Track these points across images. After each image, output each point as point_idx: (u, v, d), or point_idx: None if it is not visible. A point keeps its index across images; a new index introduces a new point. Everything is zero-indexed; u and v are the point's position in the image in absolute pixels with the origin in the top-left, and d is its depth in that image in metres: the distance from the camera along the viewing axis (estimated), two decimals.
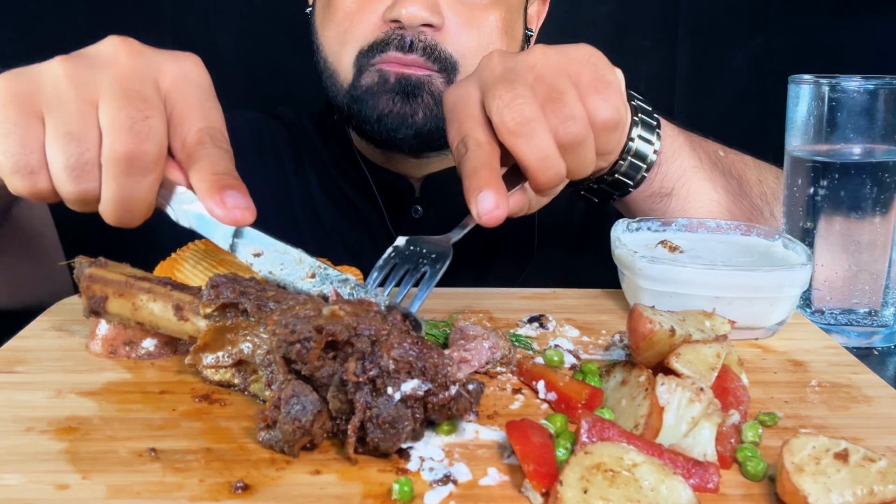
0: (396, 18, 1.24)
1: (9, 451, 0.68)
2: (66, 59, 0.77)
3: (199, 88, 0.81)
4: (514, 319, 0.99)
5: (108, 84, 0.76)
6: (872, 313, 1.01)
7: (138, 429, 0.72)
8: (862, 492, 0.60)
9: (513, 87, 0.86)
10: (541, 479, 0.62)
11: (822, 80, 1.00)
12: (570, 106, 0.87)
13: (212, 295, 0.77)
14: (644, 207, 1.16)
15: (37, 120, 0.76)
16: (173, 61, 0.81)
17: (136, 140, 0.74)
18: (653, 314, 0.78)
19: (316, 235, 1.46)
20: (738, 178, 1.22)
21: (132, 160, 0.75)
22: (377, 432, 0.66)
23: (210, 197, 0.76)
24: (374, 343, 0.69)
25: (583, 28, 2.12)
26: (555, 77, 0.88)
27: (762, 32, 2.11)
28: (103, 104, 0.75)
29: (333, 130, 1.51)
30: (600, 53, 0.93)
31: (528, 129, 0.85)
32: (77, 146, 0.75)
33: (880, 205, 0.98)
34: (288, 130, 1.54)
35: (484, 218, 0.82)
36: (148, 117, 0.75)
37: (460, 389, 0.69)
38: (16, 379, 0.81)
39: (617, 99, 0.89)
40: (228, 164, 0.78)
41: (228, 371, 0.78)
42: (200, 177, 0.77)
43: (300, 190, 1.49)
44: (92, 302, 0.82)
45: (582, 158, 0.89)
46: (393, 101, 1.27)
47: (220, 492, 0.63)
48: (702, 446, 0.68)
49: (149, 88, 0.77)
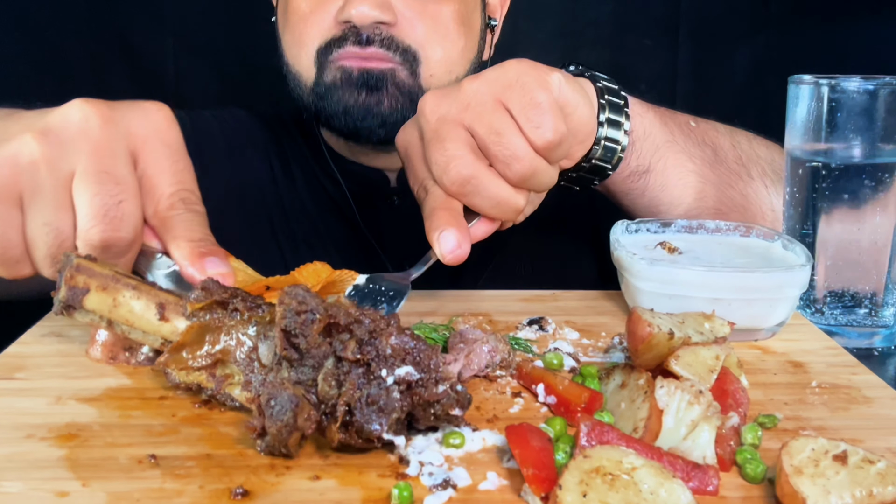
0: (348, 19, 1.25)
1: (9, 458, 0.68)
2: (39, 138, 0.77)
3: (170, 148, 0.82)
4: (513, 322, 0.99)
5: (82, 165, 0.76)
6: (872, 314, 1.01)
7: (138, 435, 0.72)
8: (861, 493, 0.60)
9: (444, 148, 0.88)
10: (540, 483, 0.62)
11: (822, 81, 1.00)
12: (511, 145, 0.88)
13: (201, 296, 0.78)
14: (624, 188, 1.15)
15: (16, 209, 0.77)
16: (141, 119, 0.81)
17: (110, 227, 0.76)
18: (651, 317, 0.78)
19: (304, 229, 1.47)
20: (713, 146, 1.22)
21: (108, 247, 0.77)
22: (364, 413, 0.67)
23: (191, 265, 0.78)
24: (372, 333, 0.70)
25: (583, 28, 2.12)
26: (489, 114, 0.89)
27: (762, 32, 2.11)
28: (77, 189, 0.76)
29: (308, 129, 1.52)
30: (528, 67, 0.92)
31: (470, 189, 0.88)
32: (56, 237, 0.77)
33: (880, 205, 0.98)
34: (270, 127, 1.55)
35: (448, 258, 0.86)
36: (121, 202, 0.77)
37: (448, 389, 0.70)
38: (15, 385, 0.81)
39: (551, 119, 0.89)
40: (203, 229, 0.81)
41: (202, 373, 0.78)
42: (177, 244, 0.79)
43: (287, 186, 1.50)
44: (71, 294, 0.80)
45: (539, 182, 0.91)
46: (357, 94, 1.28)
47: (219, 498, 0.63)
48: (701, 449, 0.68)
49: (120, 164, 0.78)
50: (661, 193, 1.16)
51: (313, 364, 0.71)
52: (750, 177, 1.22)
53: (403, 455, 0.69)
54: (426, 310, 1.02)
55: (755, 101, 2.08)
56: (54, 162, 0.76)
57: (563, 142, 0.90)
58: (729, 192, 1.20)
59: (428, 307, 1.03)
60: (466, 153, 0.88)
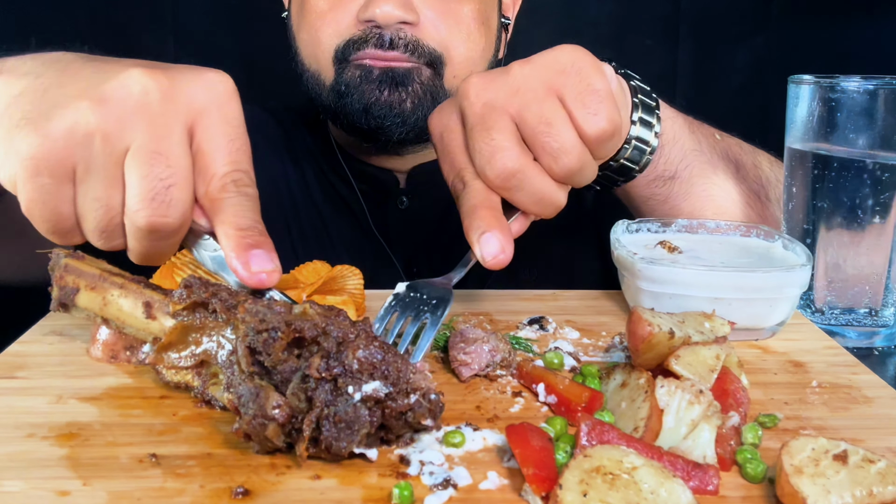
0: (371, 18, 1.24)
1: (10, 458, 0.68)
2: (95, 107, 0.73)
3: (228, 125, 0.78)
4: (514, 321, 0.99)
5: (137, 142, 0.73)
6: (872, 313, 1.01)
7: (139, 434, 0.72)
8: (861, 493, 0.60)
9: (490, 137, 0.84)
10: (540, 482, 0.62)
11: (822, 80, 1.00)
12: (561, 138, 0.83)
13: (184, 294, 0.78)
14: (647, 192, 1.13)
15: (69, 184, 0.75)
16: (204, 91, 0.77)
17: (157, 212, 0.74)
18: (652, 316, 0.78)
19: (315, 227, 1.47)
20: (735, 161, 1.20)
21: (153, 230, 0.75)
22: (332, 431, 0.66)
23: (236, 257, 0.75)
24: (341, 344, 0.69)
25: (583, 28, 2.12)
26: (540, 102, 0.84)
27: (762, 32, 2.11)
28: (129, 166, 0.73)
29: (318, 128, 1.52)
30: (583, 53, 0.88)
31: (514, 183, 0.84)
32: (105, 213, 0.75)
33: (880, 205, 0.98)
34: (283, 126, 1.55)
35: (490, 262, 0.82)
36: (170, 186, 0.73)
37: (420, 398, 0.68)
38: (16, 384, 0.82)
39: (608, 108, 0.85)
40: (254, 215, 0.77)
41: (189, 372, 0.78)
42: (225, 231, 0.76)
43: (299, 184, 1.49)
44: (62, 293, 0.82)
45: (583, 178, 0.88)
46: (379, 90, 1.26)
47: (220, 497, 0.63)
48: (701, 448, 0.68)
49: (175, 143, 0.74)
50: (683, 202, 1.15)
51: (281, 380, 0.70)
52: (768, 199, 1.20)
53: (404, 454, 0.69)
54: None
55: (755, 101, 2.08)
56: (109, 136, 0.73)
57: (615, 134, 0.86)
58: (747, 211, 1.19)
59: None
60: (514, 145, 0.84)
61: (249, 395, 0.68)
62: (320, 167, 1.50)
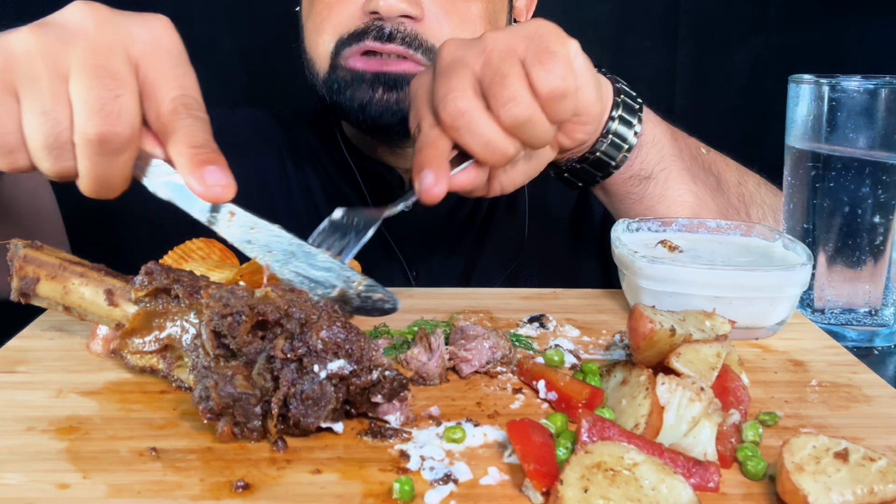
0: (375, 10, 1.23)
1: (10, 451, 0.68)
2: (35, 30, 0.75)
3: (171, 54, 0.79)
4: (514, 319, 0.99)
5: (78, 59, 0.74)
6: (872, 313, 1.01)
7: (139, 428, 0.72)
8: (862, 491, 0.60)
9: (449, 81, 0.89)
10: (541, 478, 0.62)
11: (822, 80, 1.00)
12: (512, 88, 0.88)
13: (145, 281, 0.78)
14: (623, 189, 1.16)
15: (11, 97, 0.75)
16: (142, 26, 0.79)
17: (106, 121, 0.74)
18: (653, 314, 0.78)
19: (314, 227, 1.47)
20: (717, 176, 1.22)
21: (104, 142, 0.74)
22: (300, 408, 0.69)
23: (190, 173, 0.75)
24: (304, 325, 0.71)
25: (583, 28, 2.12)
26: (501, 59, 0.89)
27: (762, 32, 2.12)
28: (73, 82, 0.74)
29: (324, 123, 1.51)
30: (551, 25, 0.93)
31: (463, 122, 0.88)
32: (53, 126, 0.74)
33: (880, 204, 0.98)
34: (285, 127, 1.55)
35: (423, 195, 0.88)
36: (118, 96, 0.74)
37: (380, 375, 0.71)
38: (16, 379, 0.81)
39: (561, 68, 0.89)
40: (205, 135, 0.78)
41: (153, 357, 0.79)
42: (178, 150, 0.76)
43: (300, 185, 1.49)
44: (23, 283, 0.82)
45: (532, 134, 0.91)
46: (373, 90, 1.27)
47: (220, 491, 0.63)
48: (702, 446, 0.68)
49: (118, 62, 0.76)
50: (658, 204, 1.17)
51: (246, 361, 0.71)
52: (748, 216, 1.23)
53: (405, 449, 0.69)
54: (427, 307, 1.02)
55: (755, 101, 2.08)
56: (50, 53, 0.74)
57: (567, 95, 0.89)
58: None
59: (429, 304, 1.03)
60: (467, 88, 0.89)
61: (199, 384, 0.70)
62: (323, 167, 1.50)
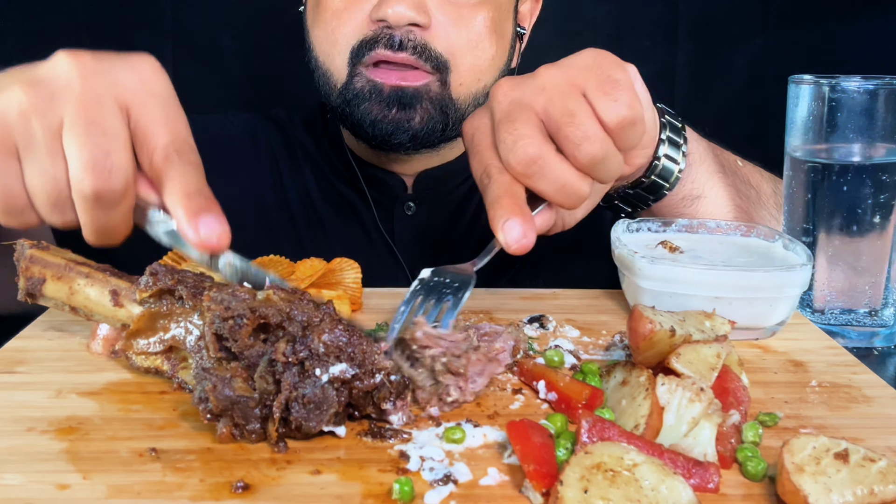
0: (383, 18, 1.24)
1: (9, 451, 0.68)
2: (25, 89, 0.76)
3: (160, 98, 0.79)
4: (514, 320, 0.99)
5: (69, 116, 0.75)
6: (872, 313, 1.01)
7: (139, 429, 0.72)
8: (862, 492, 0.60)
9: (514, 128, 0.86)
10: (541, 478, 0.62)
11: (822, 80, 1.00)
12: (583, 126, 0.85)
13: (150, 282, 0.78)
14: (676, 212, 1.15)
15: (13, 159, 0.76)
16: (129, 71, 0.79)
17: (99, 179, 0.74)
18: (653, 314, 0.78)
19: (314, 233, 1.47)
20: (757, 188, 1.23)
21: (99, 197, 0.75)
22: (301, 412, 0.68)
23: (186, 223, 0.76)
24: (306, 328, 0.71)
25: (583, 28, 2.12)
26: (563, 97, 0.86)
27: (762, 33, 2.11)
28: (66, 139, 0.75)
29: (326, 129, 1.51)
30: (606, 53, 0.91)
31: (535, 169, 0.85)
32: (53, 185, 0.76)
33: (880, 205, 0.98)
34: (282, 131, 1.55)
35: (513, 247, 0.83)
36: (109, 153, 0.75)
37: (384, 378, 0.71)
38: (16, 379, 0.81)
39: (627, 95, 0.87)
40: (199, 181, 0.78)
41: (158, 358, 0.79)
42: (173, 200, 0.77)
43: (297, 189, 1.49)
44: (29, 284, 0.83)
45: (606, 169, 0.88)
46: (388, 108, 1.27)
47: (220, 491, 0.63)
48: (702, 446, 0.68)
49: (108, 114, 0.76)
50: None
51: (248, 364, 0.71)
52: (779, 223, 1.22)
53: (404, 450, 0.69)
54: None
55: (755, 101, 2.08)
56: (43, 112, 0.75)
57: (636, 122, 0.87)
58: None
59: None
60: (535, 133, 0.86)
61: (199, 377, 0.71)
62: (322, 172, 1.49)
